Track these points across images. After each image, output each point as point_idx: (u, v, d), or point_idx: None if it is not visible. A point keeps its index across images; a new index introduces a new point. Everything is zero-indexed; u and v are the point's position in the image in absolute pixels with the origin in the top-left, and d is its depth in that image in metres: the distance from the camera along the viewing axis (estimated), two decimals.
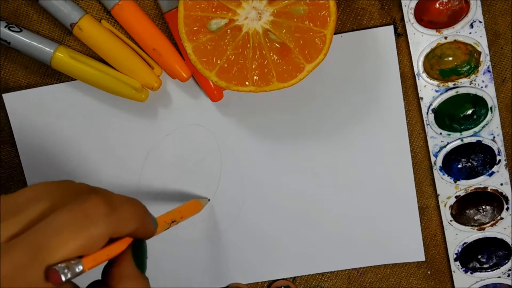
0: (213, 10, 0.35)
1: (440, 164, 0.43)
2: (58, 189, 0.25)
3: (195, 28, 0.36)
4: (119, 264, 0.26)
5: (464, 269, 0.45)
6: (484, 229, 0.44)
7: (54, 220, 0.23)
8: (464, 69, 0.41)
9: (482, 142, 0.42)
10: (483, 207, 0.44)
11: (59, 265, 0.22)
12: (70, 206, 0.23)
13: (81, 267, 0.23)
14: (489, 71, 0.41)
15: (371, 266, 0.46)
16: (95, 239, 0.23)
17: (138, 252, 0.27)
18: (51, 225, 0.23)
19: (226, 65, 0.36)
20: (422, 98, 0.42)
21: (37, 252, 0.22)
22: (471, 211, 0.44)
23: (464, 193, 0.43)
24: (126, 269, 0.26)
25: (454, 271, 0.45)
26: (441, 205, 0.44)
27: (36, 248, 0.22)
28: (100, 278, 0.27)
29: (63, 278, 0.22)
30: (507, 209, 0.43)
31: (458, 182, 0.43)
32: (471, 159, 0.43)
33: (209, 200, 0.44)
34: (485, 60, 0.41)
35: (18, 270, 0.22)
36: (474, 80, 0.41)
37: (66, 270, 0.22)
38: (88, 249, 0.23)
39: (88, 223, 0.23)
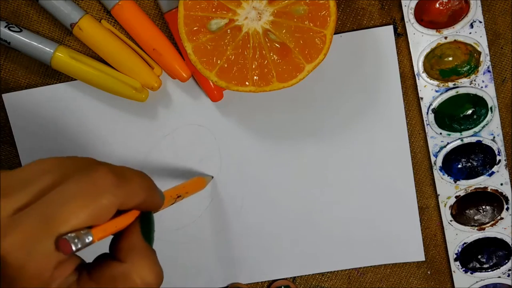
0: (213, 10, 0.35)
1: (440, 164, 0.43)
2: (66, 162, 0.25)
3: (195, 28, 0.36)
4: (127, 236, 0.26)
5: (464, 269, 0.45)
6: (484, 229, 0.44)
7: (64, 190, 0.23)
8: (464, 69, 0.41)
9: (482, 142, 0.42)
10: (483, 207, 0.44)
11: (70, 234, 0.22)
12: (79, 176, 0.23)
13: (90, 238, 0.23)
14: (489, 71, 0.41)
15: (371, 266, 0.46)
16: (104, 209, 0.23)
17: (145, 225, 0.26)
18: (60, 195, 0.23)
19: (226, 65, 0.36)
20: (422, 98, 0.42)
21: (47, 222, 0.22)
22: (471, 211, 0.44)
23: (464, 193, 0.43)
24: (135, 241, 0.26)
25: (454, 271, 0.45)
26: (441, 205, 0.44)
27: (46, 218, 0.22)
28: (107, 251, 0.27)
29: (74, 248, 0.22)
30: (507, 209, 0.43)
31: (458, 182, 0.43)
32: (471, 159, 0.43)
33: (212, 177, 0.44)
34: (485, 60, 0.41)
35: (29, 240, 0.22)
36: (474, 80, 0.41)
37: (76, 240, 0.22)
38: (97, 219, 0.23)
39: (97, 193, 0.23)
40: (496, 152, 0.42)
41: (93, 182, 0.23)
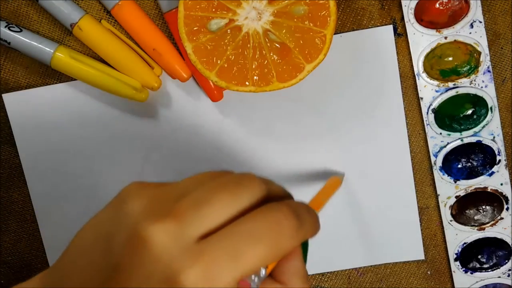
0: (213, 10, 0.35)
1: (440, 164, 0.43)
2: (232, 184, 0.24)
3: (195, 28, 0.36)
4: (290, 260, 0.25)
5: (464, 269, 0.45)
6: (484, 229, 0.44)
7: (249, 225, 0.22)
8: (464, 69, 0.41)
9: (482, 142, 0.42)
10: (483, 207, 0.44)
11: (252, 276, 0.22)
12: (264, 214, 0.23)
13: (264, 276, 0.23)
14: (489, 71, 0.41)
15: (371, 266, 0.46)
16: (284, 252, 0.23)
17: (304, 249, 0.26)
18: (246, 231, 0.22)
19: (226, 65, 0.36)
20: (422, 98, 0.42)
21: (234, 257, 0.21)
22: (471, 211, 0.44)
23: (464, 193, 0.43)
24: (298, 266, 0.25)
25: (454, 271, 0.45)
26: (441, 205, 0.44)
27: (233, 253, 0.22)
28: None
29: (253, 286, 0.22)
30: (507, 209, 0.43)
31: (458, 182, 0.43)
32: (471, 159, 0.43)
33: (343, 174, 0.43)
34: (485, 60, 0.41)
35: (213, 274, 0.21)
36: (474, 80, 0.41)
37: (256, 280, 0.22)
38: (274, 260, 0.23)
39: (281, 236, 0.23)
40: (496, 152, 0.42)
41: (277, 225, 0.23)
